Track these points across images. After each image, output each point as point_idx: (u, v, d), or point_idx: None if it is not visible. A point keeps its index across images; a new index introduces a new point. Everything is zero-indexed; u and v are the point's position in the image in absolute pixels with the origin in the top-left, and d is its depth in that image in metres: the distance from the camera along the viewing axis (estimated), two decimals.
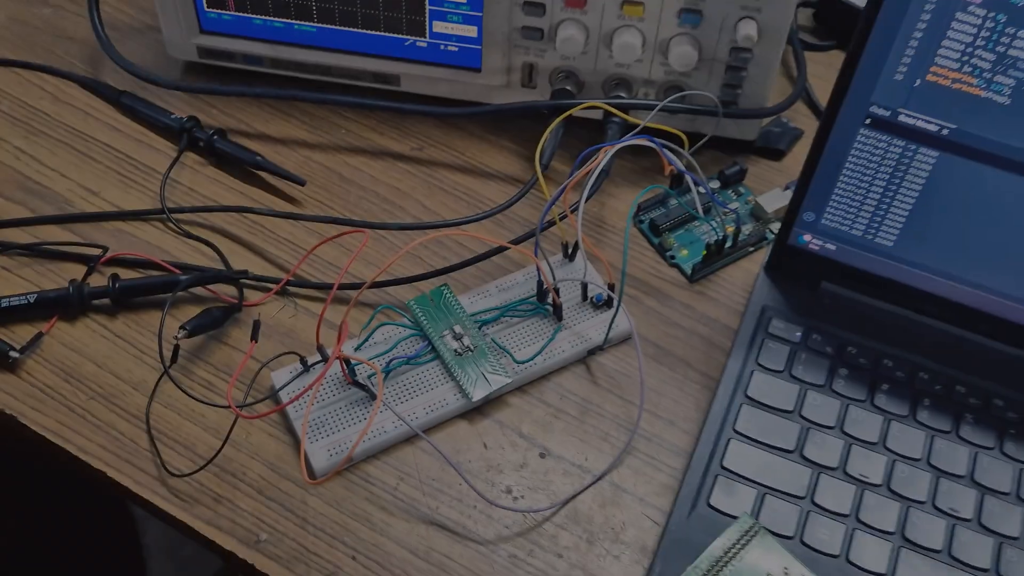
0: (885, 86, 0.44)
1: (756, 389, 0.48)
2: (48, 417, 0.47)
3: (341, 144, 0.60)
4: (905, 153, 0.45)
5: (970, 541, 0.44)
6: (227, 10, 0.59)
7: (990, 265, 0.47)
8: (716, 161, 0.59)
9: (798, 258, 0.51)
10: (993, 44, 0.41)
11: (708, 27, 0.55)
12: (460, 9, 0.57)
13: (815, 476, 0.45)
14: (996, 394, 0.48)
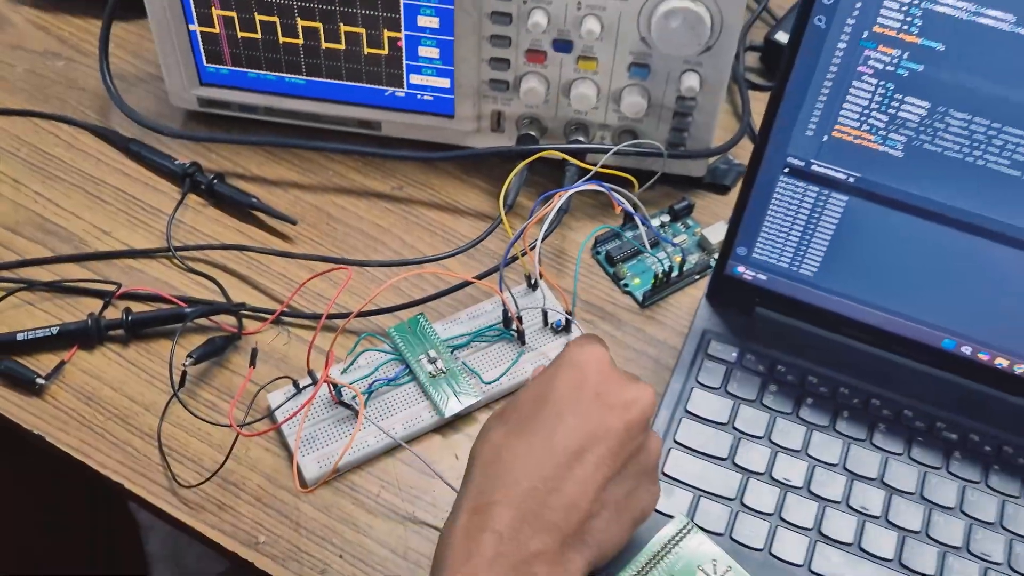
0: (799, 141, 0.50)
1: (695, 404, 0.54)
2: (71, 436, 0.53)
3: (329, 185, 0.66)
4: (819, 197, 0.52)
5: (878, 535, 0.50)
6: (224, 65, 0.66)
7: (898, 293, 0.54)
8: (668, 196, 0.66)
9: (734, 287, 0.58)
10: (885, 107, 0.47)
11: (655, 79, 0.61)
12: (434, 63, 0.63)
13: (744, 480, 0.52)
14: (907, 406, 0.55)
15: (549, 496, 0.41)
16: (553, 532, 0.40)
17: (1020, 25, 0.43)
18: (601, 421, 0.43)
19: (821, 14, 0.46)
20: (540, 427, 0.43)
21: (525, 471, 0.41)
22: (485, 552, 0.39)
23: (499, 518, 0.40)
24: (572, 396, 0.43)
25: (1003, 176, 0.47)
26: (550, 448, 0.42)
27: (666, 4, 0.57)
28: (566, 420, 0.43)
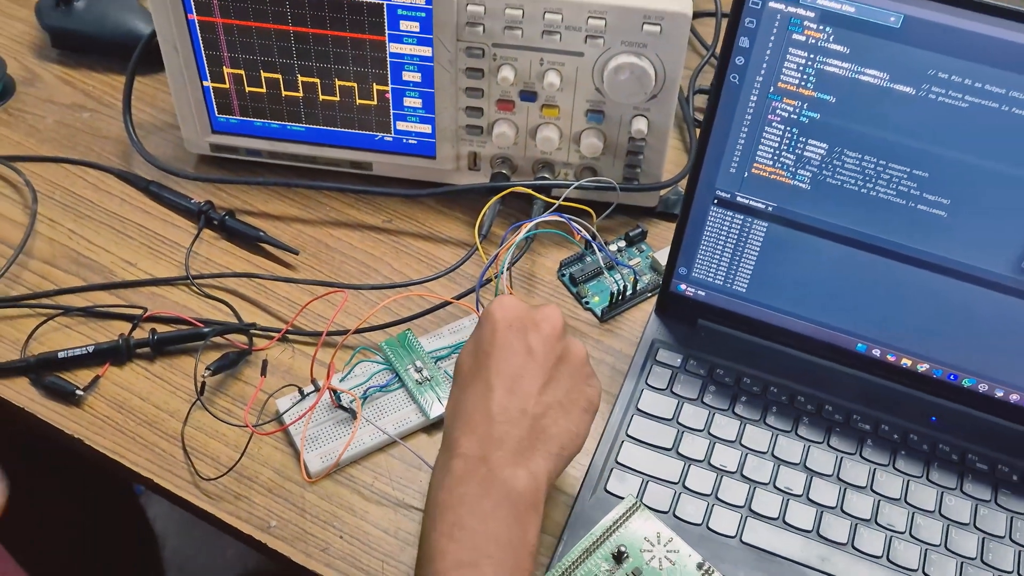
0: (725, 176, 0.59)
1: (645, 403, 0.63)
2: (107, 439, 0.62)
3: (327, 219, 0.75)
4: (744, 224, 0.61)
5: (799, 511, 0.59)
6: (234, 115, 0.75)
7: (816, 304, 0.63)
8: (624, 224, 0.75)
9: (678, 302, 0.67)
10: (792, 148, 0.57)
11: (609, 123, 0.71)
12: (417, 112, 0.72)
13: (686, 467, 0.60)
14: (827, 402, 0.64)
15: (499, 417, 0.50)
16: (509, 441, 0.49)
17: (893, 81, 0.52)
18: (522, 345, 0.52)
19: (735, 73, 0.55)
20: (478, 373, 0.52)
21: (476, 408, 0.51)
22: (456, 472, 0.49)
23: (462, 446, 0.50)
24: (493, 339, 0.52)
25: (892, 204, 0.56)
26: (489, 384, 0.51)
27: (616, 60, 0.67)
28: (494, 358, 0.52)
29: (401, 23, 0.67)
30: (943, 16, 0.49)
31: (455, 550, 0.47)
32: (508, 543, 0.48)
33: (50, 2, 0.85)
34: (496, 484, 0.49)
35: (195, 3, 0.68)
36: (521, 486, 0.49)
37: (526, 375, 0.51)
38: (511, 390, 0.51)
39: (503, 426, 0.50)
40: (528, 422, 0.50)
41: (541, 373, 0.52)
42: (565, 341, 0.54)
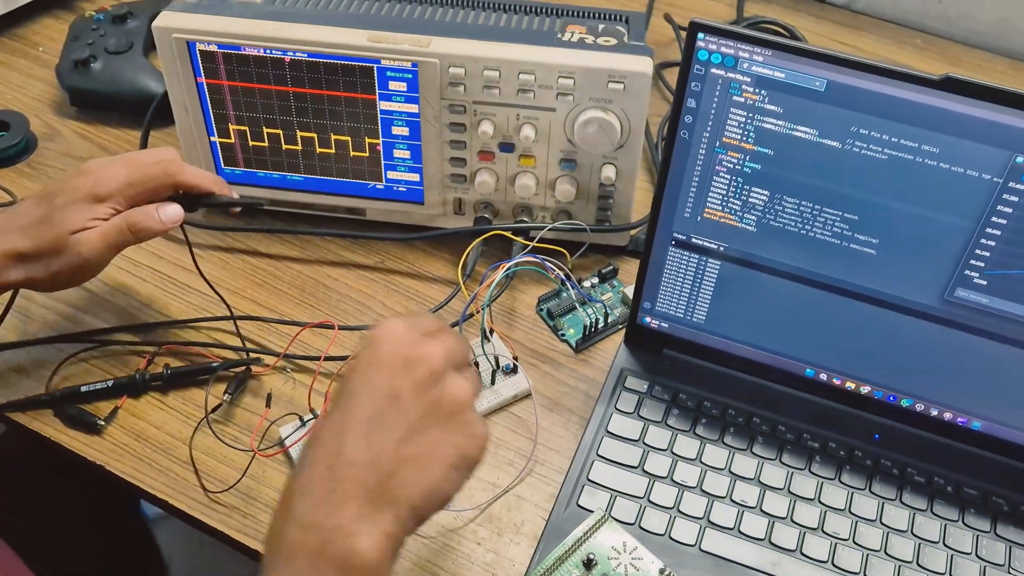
0: (680, 220, 0.66)
1: (613, 425, 0.69)
2: (125, 465, 0.68)
3: (324, 260, 0.82)
4: (700, 262, 0.68)
5: (753, 521, 0.65)
6: (238, 167, 0.82)
7: (767, 333, 0.69)
8: (598, 262, 0.82)
9: (644, 333, 0.73)
10: (738, 195, 0.63)
11: (581, 171, 0.78)
12: (406, 162, 0.79)
13: (651, 483, 0.67)
14: (780, 422, 0.70)
15: (344, 472, 0.45)
16: (351, 504, 0.44)
17: (821, 137, 0.59)
18: (388, 387, 0.46)
19: (685, 130, 0.62)
20: (340, 412, 0.47)
21: (321, 456, 0.46)
22: (289, 541, 0.44)
23: (299, 508, 0.45)
24: (365, 371, 0.47)
25: (828, 243, 0.63)
26: (343, 427, 0.46)
27: (585, 114, 0.74)
28: (356, 396, 0.47)
29: (390, 83, 0.75)
30: (860, 81, 0.56)
31: None
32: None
33: (69, 64, 0.92)
34: (332, 558, 0.43)
35: (204, 67, 0.75)
36: (363, 558, 0.44)
37: (386, 423, 0.46)
38: (364, 442, 0.46)
39: (346, 484, 0.45)
40: (377, 479, 0.45)
41: (403, 423, 0.46)
42: (441, 386, 0.48)
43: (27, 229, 0.63)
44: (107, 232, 0.64)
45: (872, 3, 1.11)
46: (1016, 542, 0.64)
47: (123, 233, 0.65)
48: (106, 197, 0.64)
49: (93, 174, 0.65)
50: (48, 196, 0.64)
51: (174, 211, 0.67)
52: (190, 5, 0.76)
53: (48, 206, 0.64)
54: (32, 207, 0.64)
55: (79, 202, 0.63)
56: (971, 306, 0.62)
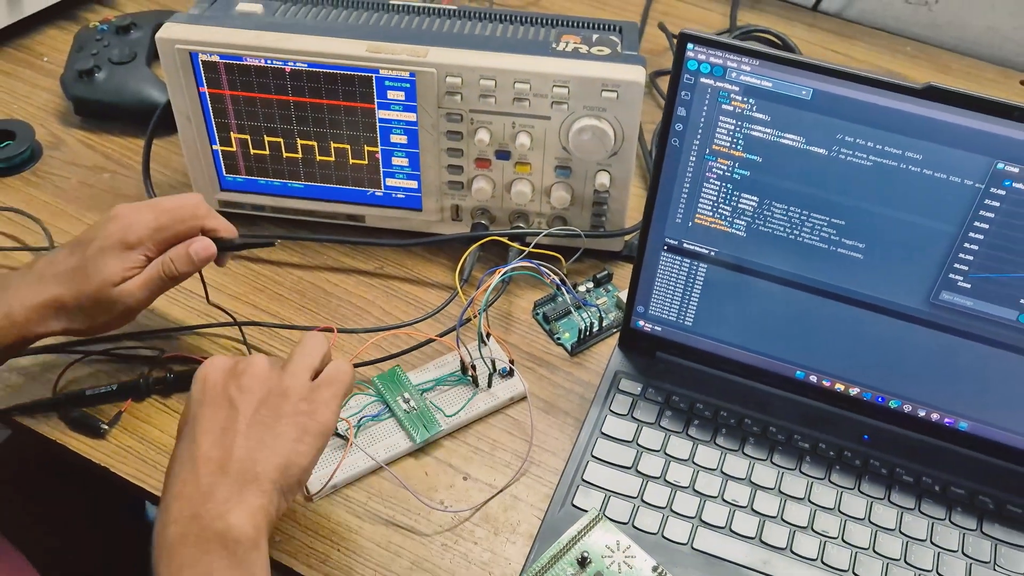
0: (672, 225, 0.68)
1: (608, 427, 0.71)
2: (129, 467, 0.69)
3: (324, 266, 0.84)
4: (691, 267, 0.69)
5: (744, 520, 0.66)
6: (240, 174, 0.84)
7: (758, 336, 0.71)
8: (593, 267, 0.83)
9: (638, 337, 0.75)
10: (728, 201, 0.65)
11: (576, 178, 0.79)
12: (404, 170, 0.81)
13: (644, 483, 0.68)
14: (770, 423, 0.71)
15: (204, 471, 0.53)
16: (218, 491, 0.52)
17: (808, 144, 0.60)
18: (224, 399, 0.56)
19: (675, 137, 0.64)
20: (187, 434, 0.56)
21: (184, 467, 0.54)
22: (172, 539, 0.52)
23: (173, 511, 0.52)
24: (201, 399, 0.56)
25: (816, 248, 0.64)
26: (196, 442, 0.54)
27: (579, 122, 0.75)
28: (200, 416, 0.56)
29: (388, 92, 0.76)
30: (845, 89, 0.58)
31: None
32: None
33: (74, 74, 0.94)
34: (212, 538, 0.51)
35: (206, 77, 0.77)
36: (236, 532, 0.51)
37: (229, 425, 0.55)
38: (216, 443, 0.54)
39: (208, 479, 0.52)
40: (236, 467, 0.53)
41: (243, 419, 0.55)
42: (269, 384, 0.57)
43: (65, 278, 0.65)
44: (148, 282, 0.67)
45: (864, 12, 1.13)
46: (1001, 540, 0.66)
47: (163, 280, 0.67)
48: (136, 244, 0.66)
49: (121, 220, 0.66)
50: (81, 244, 0.66)
51: (205, 246, 0.68)
52: (193, 16, 0.78)
53: (82, 255, 0.65)
54: (67, 255, 0.66)
55: (111, 250, 0.65)
56: (956, 309, 0.63)
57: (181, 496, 0.53)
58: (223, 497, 0.52)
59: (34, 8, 1.03)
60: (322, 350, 0.61)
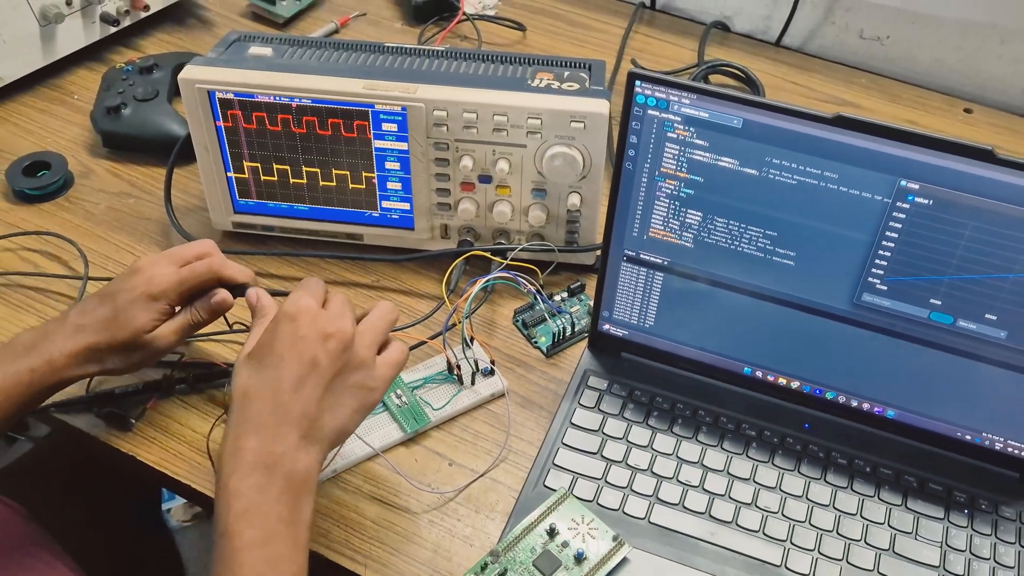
0: (629, 238, 0.77)
1: (577, 418, 0.80)
2: (154, 456, 0.78)
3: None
4: (648, 275, 0.78)
5: (696, 498, 0.75)
6: (252, 198, 0.93)
7: (709, 337, 0.80)
8: (568, 278, 0.92)
9: (605, 339, 0.84)
10: (676, 217, 0.74)
11: (551, 199, 0.89)
12: (398, 193, 0.91)
13: (608, 466, 0.77)
14: (722, 414, 0.80)
15: (284, 418, 0.61)
16: (290, 437, 0.61)
17: (741, 166, 0.70)
18: (309, 357, 0.62)
19: (629, 162, 0.73)
20: (271, 370, 0.62)
21: (264, 407, 0.61)
22: (247, 462, 0.60)
23: (251, 440, 0.61)
24: (289, 342, 0.63)
25: (753, 256, 0.73)
26: (279, 388, 0.62)
27: (552, 150, 0.85)
28: (285, 363, 0.62)
29: (383, 124, 0.86)
30: (769, 119, 0.67)
31: (249, 530, 0.58)
32: (291, 522, 0.59)
33: (102, 110, 1.04)
34: (280, 473, 0.60)
35: (222, 112, 0.87)
36: (300, 474, 0.61)
37: (308, 383, 0.62)
38: (295, 395, 0.62)
39: (287, 426, 0.61)
40: (307, 422, 0.62)
41: (322, 382, 0.63)
42: (349, 354, 0.64)
43: (100, 327, 0.73)
44: (179, 328, 0.75)
45: (822, 47, 1.23)
46: (923, 513, 0.74)
47: (191, 327, 0.76)
48: (160, 296, 0.74)
49: (144, 273, 0.74)
50: (109, 295, 0.74)
51: (224, 298, 0.77)
52: (210, 60, 0.88)
53: (112, 306, 0.73)
54: (97, 306, 0.74)
55: (139, 301, 0.73)
56: (876, 309, 0.72)
57: (261, 430, 0.61)
58: (294, 446, 0.61)
59: (66, 51, 1.14)
60: (392, 321, 0.69)
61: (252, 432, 0.61)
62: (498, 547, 0.70)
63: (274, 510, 0.59)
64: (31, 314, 0.88)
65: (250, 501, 0.59)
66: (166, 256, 0.77)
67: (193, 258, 0.77)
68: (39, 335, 0.73)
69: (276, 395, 0.62)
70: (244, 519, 0.58)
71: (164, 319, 0.75)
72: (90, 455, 0.82)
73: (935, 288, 0.69)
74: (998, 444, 0.75)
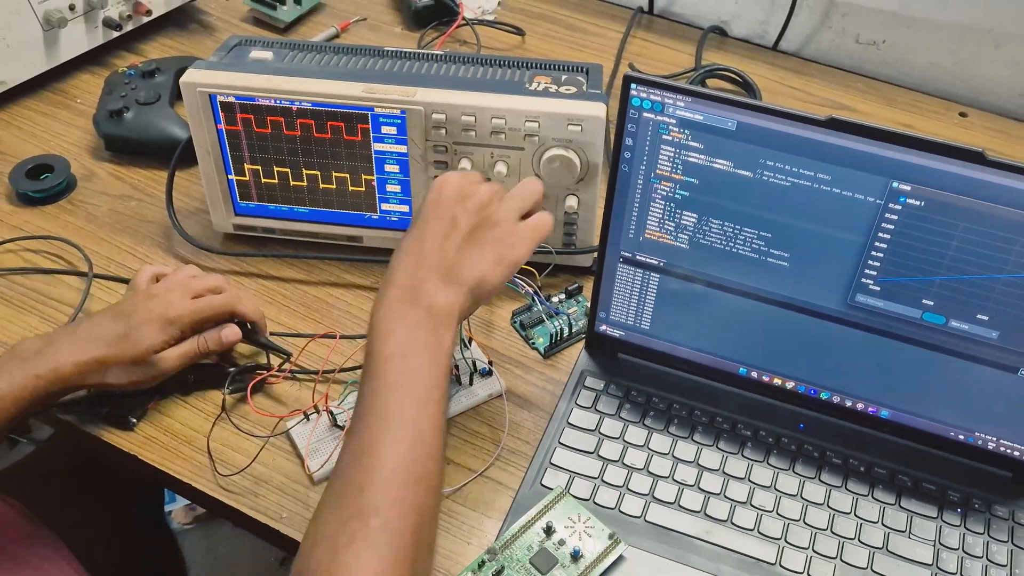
0: (626, 240, 0.78)
1: (574, 418, 0.80)
2: (154, 455, 0.79)
3: (326, 281, 0.94)
4: (644, 276, 0.79)
5: (692, 497, 0.76)
6: (252, 201, 0.94)
7: (705, 337, 0.80)
8: (566, 280, 0.93)
9: (602, 340, 0.84)
10: (672, 218, 0.75)
11: (548, 201, 0.89)
12: (397, 195, 0.92)
13: (604, 465, 0.77)
14: (718, 414, 0.81)
15: (426, 262, 0.68)
16: (431, 278, 0.68)
17: (736, 168, 0.71)
18: (449, 215, 0.70)
19: (625, 164, 0.74)
20: (418, 232, 0.70)
21: (410, 255, 0.69)
22: (392, 296, 0.67)
23: (398, 280, 0.68)
24: (434, 209, 0.71)
25: (748, 257, 0.74)
26: (423, 240, 0.69)
27: (549, 152, 0.86)
28: (430, 223, 0.70)
29: (382, 127, 0.87)
30: (762, 121, 0.68)
31: (390, 346, 0.65)
32: (428, 344, 0.65)
33: (105, 114, 1.05)
34: (420, 305, 0.66)
35: (223, 116, 0.88)
36: (438, 307, 0.67)
37: (450, 237, 0.69)
38: (437, 247, 0.69)
39: (427, 269, 0.68)
40: (447, 266, 0.68)
41: (460, 236, 0.70)
42: (488, 210, 0.71)
43: (111, 342, 0.76)
44: (184, 354, 0.79)
45: (819, 51, 1.24)
46: (916, 512, 0.75)
47: (196, 355, 0.80)
48: (175, 321, 0.78)
49: (162, 299, 0.78)
50: (123, 314, 0.77)
51: (233, 332, 0.82)
52: (212, 64, 0.89)
53: (126, 323, 0.76)
54: (111, 322, 0.77)
55: (155, 323, 0.77)
56: (870, 309, 0.73)
57: (405, 271, 0.68)
58: (433, 284, 0.67)
59: (69, 55, 1.15)
60: (536, 196, 0.74)
61: (397, 280, 0.68)
62: (495, 545, 0.70)
63: (413, 333, 0.65)
64: (34, 315, 0.89)
65: (392, 324, 0.66)
66: (180, 285, 0.81)
67: (204, 291, 0.81)
68: (45, 342, 0.75)
69: (419, 249, 0.69)
70: (387, 338, 0.65)
71: (173, 344, 0.78)
72: (92, 455, 0.83)
73: (927, 289, 0.70)
74: (991, 444, 0.76)
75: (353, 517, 0.58)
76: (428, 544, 0.62)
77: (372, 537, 0.57)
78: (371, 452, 0.61)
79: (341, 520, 0.59)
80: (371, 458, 0.60)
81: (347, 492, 0.60)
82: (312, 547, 0.59)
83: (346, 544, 0.57)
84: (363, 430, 0.62)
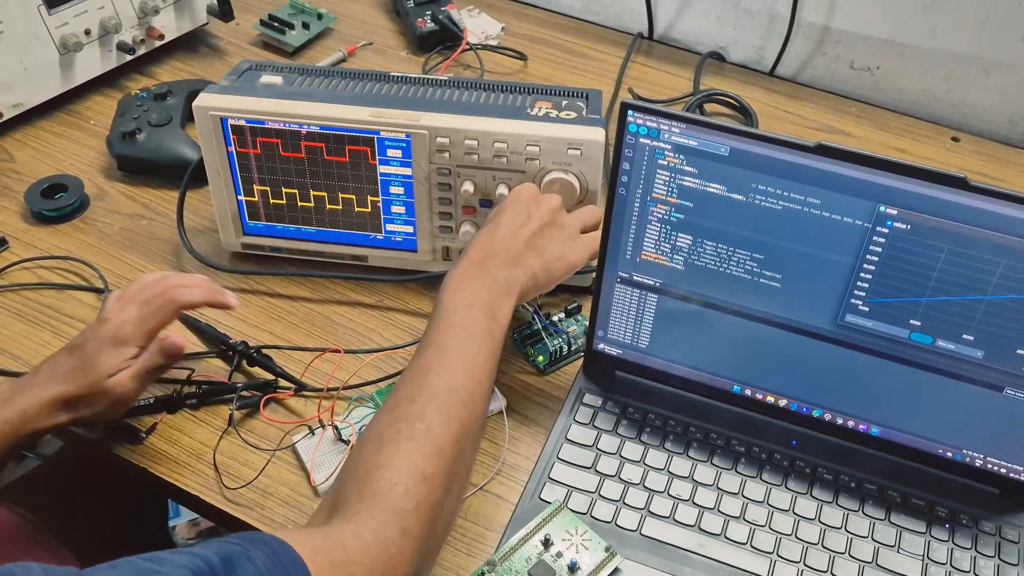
0: (623, 261, 0.80)
1: (572, 434, 0.83)
2: (164, 467, 0.81)
3: (332, 299, 0.96)
4: (641, 296, 0.81)
5: (686, 511, 0.77)
6: (261, 221, 0.97)
7: (701, 356, 0.83)
8: (566, 300, 0.96)
9: (600, 358, 0.87)
10: (667, 240, 0.77)
11: None
12: (402, 216, 0.94)
13: (602, 480, 0.79)
14: (712, 431, 0.83)
15: (497, 245, 0.76)
16: (499, 257, 0.76)
17: (729, 191, 0.73)
18: (524, 212, 0.79)
19: (622, 187, 0.77)
20: (494, 223, 0.79)
21: (483, 237, 0.77)
22: (462, 266, 0.76)
23: (470, 255, 0.76)
24: (512, 207, 0.80)
25: (741, 278, 0.77)
26: (498, 227, 0.78)
27: (549, 175, 0.88)
28: (505, 215, 0.79)
29: (388, 150, 0.90)
30: (754, 147, 0.71)
31: (456, 299, 0.73)
32: (488, 304, 0.73)
33: (117, 135, 1.08)
34: (487, 275, 0.74)
35: (234, 138, 0.91)
36: (503, 279, 0.75)
37: (522, 228, 0.78)
38: (510, 234, 0.77)
39: (498, 249, 0.76)
40: (516, 251, 0.76)
41: (531, 228, 0.78)
42: (557, 215, 0.80)
43: (68, 377, 0.74)
44: (135, 374, 0.76)
45: (814, 76, 1.27)
46: (906, 527, 0.77)
47: (148, 372, 0.77)
48: (128, 339, 0.75)
49: (111, 321, 0.75)
50: (78, 346, 0.75)
51: (173, 342, 0.78)
52: (223, 88, 0.92)
53: (80, 354, 0.75)
54: (67, 357, 0.75)
55: (106, 346, 0.75)
56: (859, 329, 0.75)
57: (478, 249, 0.77)
58: (501, 261, 0.76)
59: (84, 78, 1.18)
60: (597, 219, 0.83)
61: (471, 254, 0.77)
62: (495, 557, 0.72)
63: (478, 294, 0.73)
64: (47, 330, 0.92)
65: (460, 284, 0.74)
66: (132, 300, 0.77)
67: (157, 295, 0.77)
68: (14, 388, 0.75)
69: (494, 233, 0.78)
70: (455, 294, 0.73)
71: (131, 364, 0.76)
72: (99, 467, 0.85)
73: (914, 309, 0.72)
74: (978, 461, 0.78)
75: (402, 420, 0.65)
76: (467, 457, 0.68)
77: (416, 435, 0.63)
78: (426, 373, 0.68)
79: (389, 422, 0.65)
80: (425, 377, 0.68)
81: (399, 402, 0.66)
82: (360, 445, 0.65)
83: (391, 439, 0.63)
84: (421, 358, 0.69)
